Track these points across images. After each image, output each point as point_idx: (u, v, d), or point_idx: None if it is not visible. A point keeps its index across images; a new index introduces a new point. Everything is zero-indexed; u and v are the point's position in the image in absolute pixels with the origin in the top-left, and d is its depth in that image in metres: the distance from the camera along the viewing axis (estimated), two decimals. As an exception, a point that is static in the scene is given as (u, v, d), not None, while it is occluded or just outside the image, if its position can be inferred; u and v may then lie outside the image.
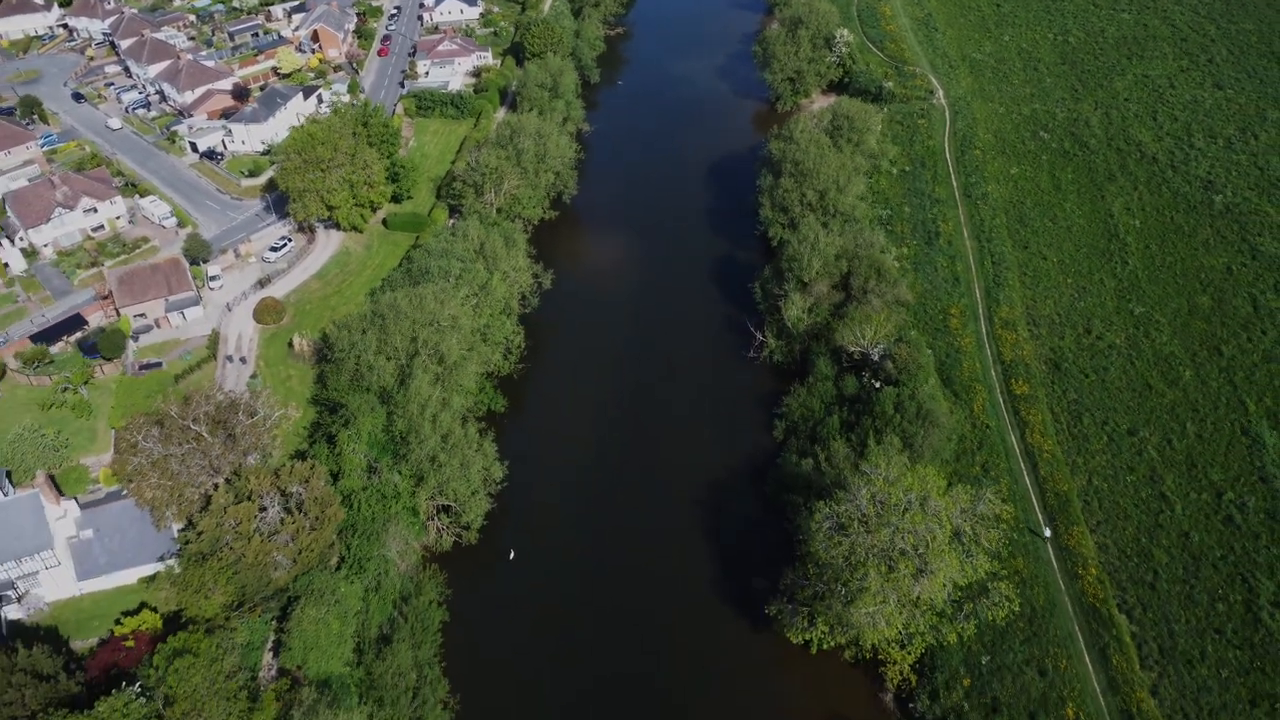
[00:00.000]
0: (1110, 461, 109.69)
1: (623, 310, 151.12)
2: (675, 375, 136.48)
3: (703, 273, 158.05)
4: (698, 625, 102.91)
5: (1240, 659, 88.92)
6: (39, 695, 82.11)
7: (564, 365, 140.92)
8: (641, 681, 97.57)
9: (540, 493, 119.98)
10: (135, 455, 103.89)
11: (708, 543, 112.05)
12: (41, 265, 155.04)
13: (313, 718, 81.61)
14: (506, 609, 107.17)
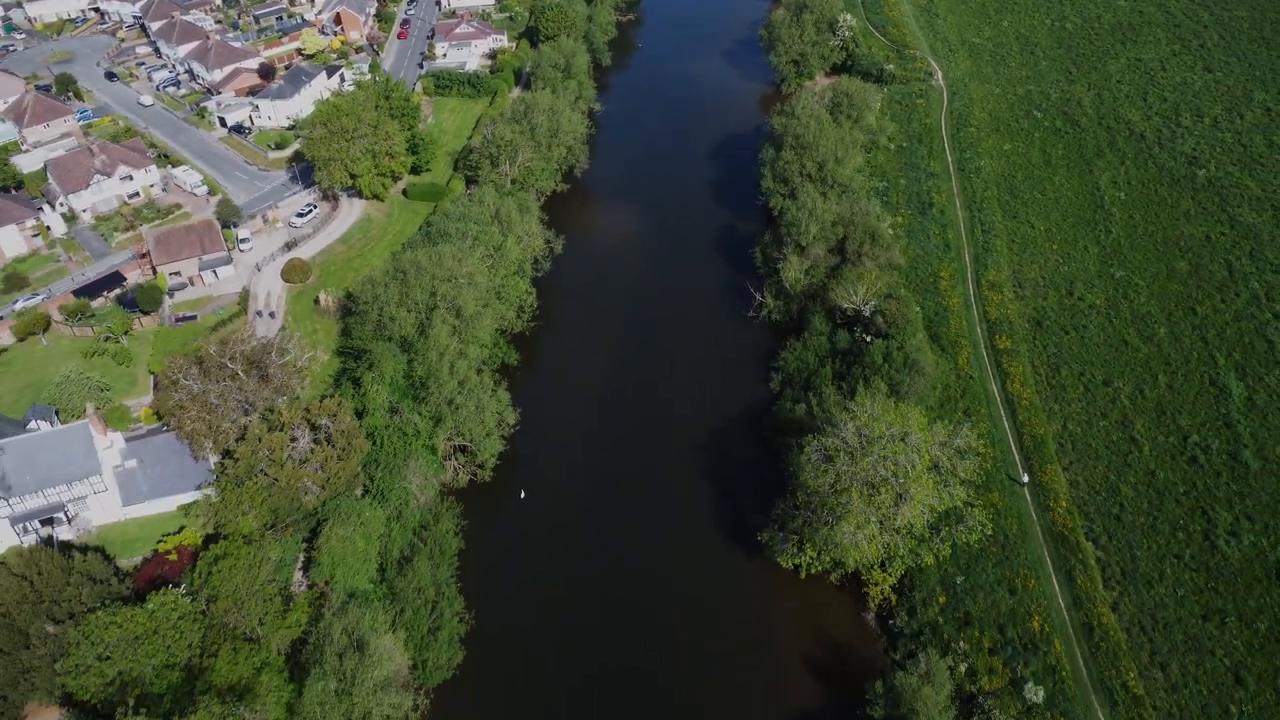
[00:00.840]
0: (1085, 409, 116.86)
1: (630, 275, 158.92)
2: (679, 334, 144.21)
3: (706, 240, 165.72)
4: (695, 554, 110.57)
5: (1195, 580, 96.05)
6: (94, 594, 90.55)
7: (573, 324, 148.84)
8: (642, 605, 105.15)
9: (550, 438, 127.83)
10: (176, 392, 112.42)
11: (706, 482, 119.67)
12: (80, 229, 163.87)
13: (342, 617, 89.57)
14: (517, 540, 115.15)
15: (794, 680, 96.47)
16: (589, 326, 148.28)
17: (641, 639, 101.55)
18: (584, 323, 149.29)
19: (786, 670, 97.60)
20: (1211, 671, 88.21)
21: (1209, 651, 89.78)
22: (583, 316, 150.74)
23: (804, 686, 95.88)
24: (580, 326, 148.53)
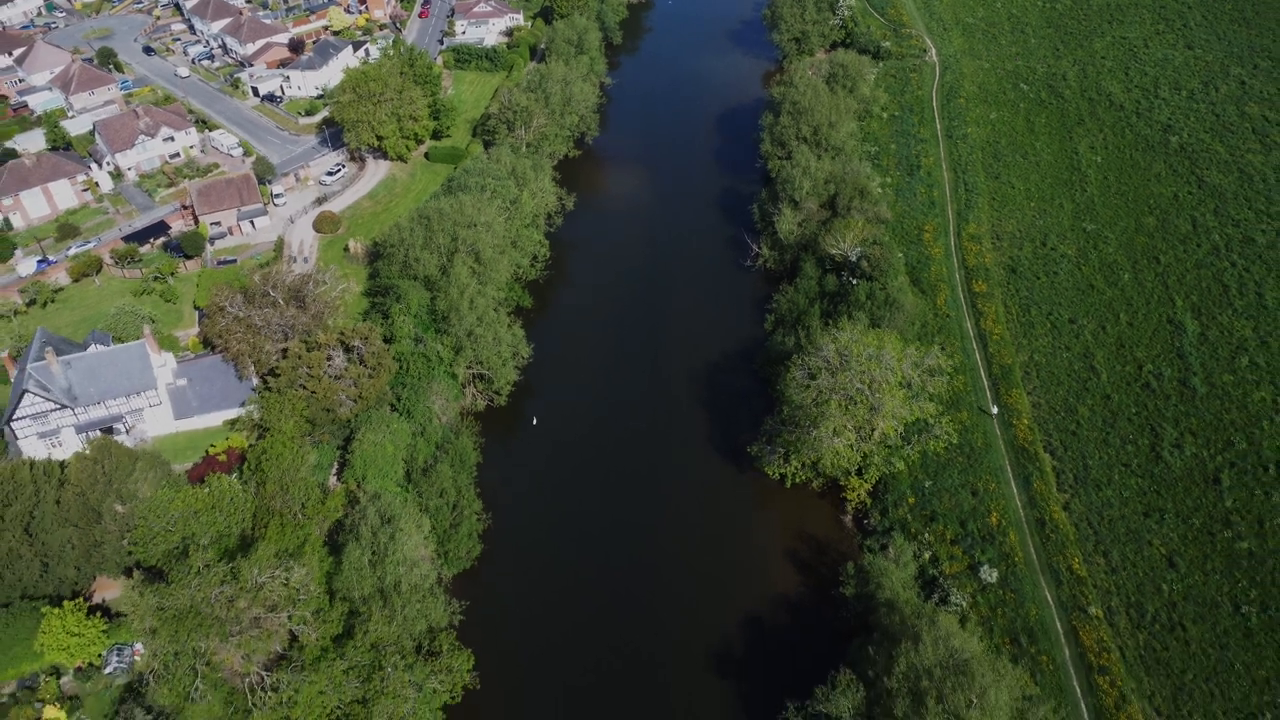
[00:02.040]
0: (1050, 342, 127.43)
1: (636, 230, 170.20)
2: (680, 282, 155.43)
3: (708, 200, 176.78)
4: (691, 469, 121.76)
5: (1140, 484, 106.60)
6: (155, 481, 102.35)
7: (583, 273, 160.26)
8: (642, 511, 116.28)
9: (560, 372, 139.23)
10: (222, 318, 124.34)
11: (703, 408, 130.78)
12: (126, 186, 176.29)
13: (375, 502, 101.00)
14: (530, 458, 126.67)
15: (778, 571, 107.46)
16: (597, 276, 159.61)
17: (641, 539, 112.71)
18: (593, 272, 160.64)
19: (771, 563, 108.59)
20: (1148, 558, 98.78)
21: (1147, 542, 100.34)
22: (592, 267, 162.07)
23: (787, 575, 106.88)
24: (589, 276, 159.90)
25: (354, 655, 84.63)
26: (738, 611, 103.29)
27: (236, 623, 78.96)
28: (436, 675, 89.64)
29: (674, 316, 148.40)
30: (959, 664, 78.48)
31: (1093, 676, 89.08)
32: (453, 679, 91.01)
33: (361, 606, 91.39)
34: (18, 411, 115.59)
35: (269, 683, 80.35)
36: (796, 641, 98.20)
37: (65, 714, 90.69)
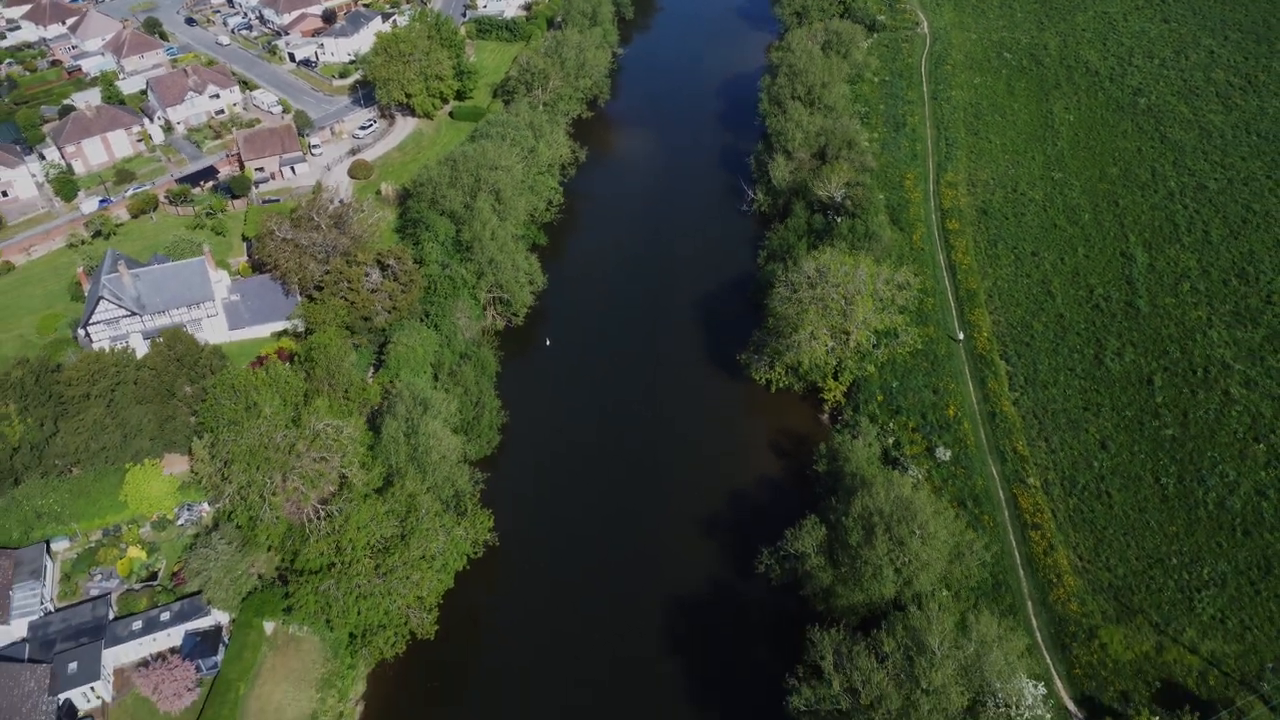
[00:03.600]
0: (1013, 271, 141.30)
1: (643, 182, 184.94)
2: (682, 224, 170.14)
3: (710, 156, 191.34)
4: (687, 378, 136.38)
5: (1082, 385, 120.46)
6: (218, 367, 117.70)
7: (593, 218, 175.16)
8: (644, 414, 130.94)
9: (571, 301, 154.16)
10: (272, 240, 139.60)
11: (700, 330, 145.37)
12: (176, 137, 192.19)
13: (411, 387, 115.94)
14: (543, 372, 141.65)
15: (761, 457, 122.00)
16: (606, 220, 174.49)
17: (642, 436, 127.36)
18: (602, 218, 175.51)
19: (756, 451, 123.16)
20: (1084, 442, 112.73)
21: (1084, 429, 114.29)
22: (601, 213, 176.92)
23: (768, 461, 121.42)
24: (599, 220, 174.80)
25: (393, 500, 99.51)
26: (725, 488, 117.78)
27: (297, 460, 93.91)
28: (461, 526, 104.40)
29: (676, 254, 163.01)
30: (905, 504, 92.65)
31: (1027, 531, 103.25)
32: (475, 531, 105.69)
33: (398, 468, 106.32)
34: (94, 316, 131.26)
35: (323, 513, 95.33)
36: (774, 510, 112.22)
37: (145, 554, 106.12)
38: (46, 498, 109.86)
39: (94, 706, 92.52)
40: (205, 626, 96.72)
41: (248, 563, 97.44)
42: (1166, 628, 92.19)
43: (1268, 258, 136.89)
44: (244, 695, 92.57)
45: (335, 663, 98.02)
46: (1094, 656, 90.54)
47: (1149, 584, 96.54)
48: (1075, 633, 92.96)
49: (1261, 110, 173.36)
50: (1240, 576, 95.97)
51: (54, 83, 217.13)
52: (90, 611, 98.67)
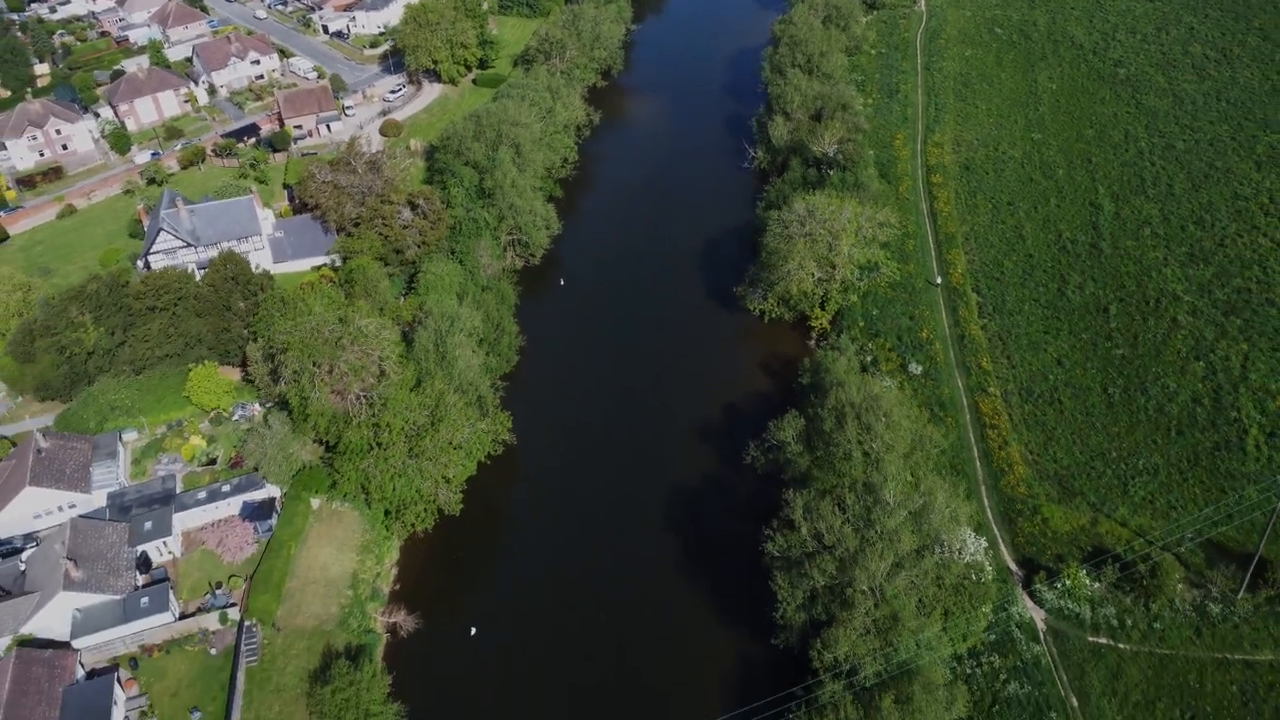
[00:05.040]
0: (989, 218, 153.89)
1: (652, 144, 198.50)
2: (687, 177, 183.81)
3: (715, 122, 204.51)
4: (689, 310, 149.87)
5: (1044, 313, 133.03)
6: (267, 284, 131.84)
7: (605, 176, 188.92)
8: (648, 344, 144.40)
9: (583, 245, 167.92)
10: (313, 182, 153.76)
11: (701, 270, 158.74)
12: (219, 99, 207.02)
13: (440, 304, 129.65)
14: (557, 306, 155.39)
15: (752, 376, 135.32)
16: (617, 177, 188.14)
17: (646, 360, 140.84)
18: (613, 175, 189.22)
19: (748, 372, 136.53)
20: (1042, 360, 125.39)
21: (1043, 349, 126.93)
22: (612, 170, 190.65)
23: (759, 379, 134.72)
24: (610, 177, 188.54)
25: (424, 395, 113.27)
26: (719, 401, 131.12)
27: (342, 352, 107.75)
28: (484, 422, 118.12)
29: (681, 206, 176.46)
30: (874, 398, 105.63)
31: (985, 430, 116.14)
32: (495, 428, 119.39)
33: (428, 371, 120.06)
34: (154, 247, 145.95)
35: (365, 400, 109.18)
36: (763, 417, 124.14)
37: (205, 443, 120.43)
38: (118, 394, 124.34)
39: (166, 560, 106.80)
40: (260, 498, 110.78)
41: (298, 444, 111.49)
42: (1102, 506, 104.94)
43: (1224, 207, 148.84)
44: (294, 554, 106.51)
45: (373, 533, 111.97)
46: (1036, 529, 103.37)
47: (1090, 473, 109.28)
48: (1021, 510, 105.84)
49: (1233, 80, 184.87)
50: (1171, 468, 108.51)
51: (103, 51, 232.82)
52: (160, 485, 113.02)
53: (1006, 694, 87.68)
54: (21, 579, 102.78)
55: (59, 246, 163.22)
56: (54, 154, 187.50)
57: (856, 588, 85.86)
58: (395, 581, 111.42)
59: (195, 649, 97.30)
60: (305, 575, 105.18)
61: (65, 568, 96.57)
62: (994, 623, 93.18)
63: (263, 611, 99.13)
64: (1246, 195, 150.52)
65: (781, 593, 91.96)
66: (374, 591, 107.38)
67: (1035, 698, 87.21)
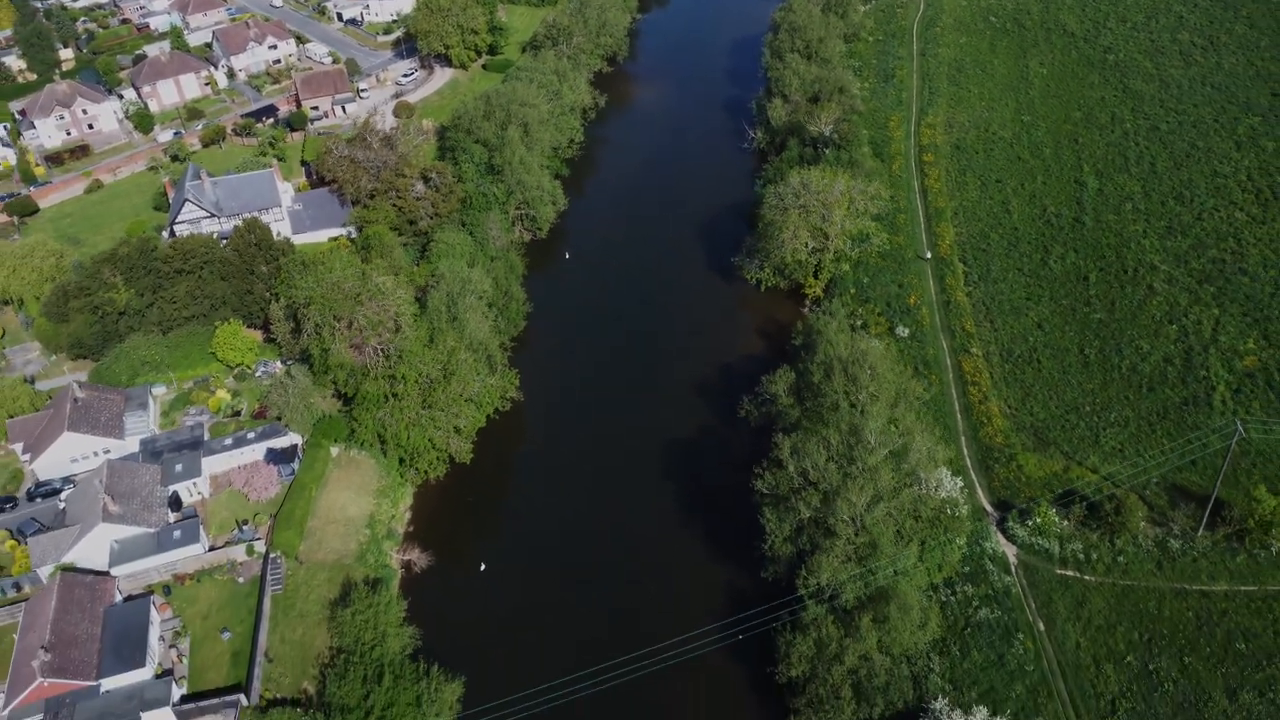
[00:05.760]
0: (978, 194, 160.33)
1: (655, 127, 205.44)
2: (690, 158, 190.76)
3: (717, 105, 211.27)
4: (689, 280, 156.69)
5: (1027, 281, 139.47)
6: (288, 249, 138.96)
7: (609, 156, 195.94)
8: (651, 312, 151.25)
9: (588, 221, 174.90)
10: (330, 156, 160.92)
11: (701, 242, 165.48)
12: (239, 83, 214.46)
13: (452, 268, 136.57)
14: (562, 277, 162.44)
15: (749, 340, 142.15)
16: (621, 157, 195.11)
17: (647, 326, 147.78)
18: (618, 155, 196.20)
19: (744, 336, 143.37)
20: (1022, 323, 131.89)
21: (1024, 314, 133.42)
22: (617, 151, 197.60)
23: (755, 342, 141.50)
24: (615, 156, 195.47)
25: (437, 350, 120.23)
26: (716, 363, 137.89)
27: (361, 307, 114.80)
28: (493, 378, 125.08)
29: (683, 184, 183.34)
30: (861, 352, 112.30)
31: (966, 387, 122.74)
32: (504, 384, 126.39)
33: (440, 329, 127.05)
34: (179, 217, 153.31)
35: (381, 352, 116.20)
36: (758, 377, 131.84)
37: (230, 396, 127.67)
38: (148, 351, 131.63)
39: (195, 500, 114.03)
40: (283, 445, 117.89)
41: (318, 395, 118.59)
42: (1074, 454, 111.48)
43: (1203, 184, 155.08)
44: (315, 496, 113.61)
45: (388, 479, 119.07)
46: (1011, 474, 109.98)
47: (1064, 425, 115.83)
48: (998, 458, 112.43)
49: (1219, 66, 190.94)
50: (1141, 420, 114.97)
51: (125, 37, 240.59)
52: (189, 433, 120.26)
53: (978, 619, 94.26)
54: (61, 516, 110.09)
55: (87, 218, 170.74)
56: (80, 133, 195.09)
57: (838, 518, 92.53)
58: (409, 524, 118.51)
59: (224, 578, 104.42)
60: (325, 515, 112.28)
61: (104, 501, 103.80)
62: (968, 556, 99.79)
63: (286, 546, 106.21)
64: (1225, 173, 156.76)
65: (770, 526, 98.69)
66: (389, 531, 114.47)
67: (1004, 622, 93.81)
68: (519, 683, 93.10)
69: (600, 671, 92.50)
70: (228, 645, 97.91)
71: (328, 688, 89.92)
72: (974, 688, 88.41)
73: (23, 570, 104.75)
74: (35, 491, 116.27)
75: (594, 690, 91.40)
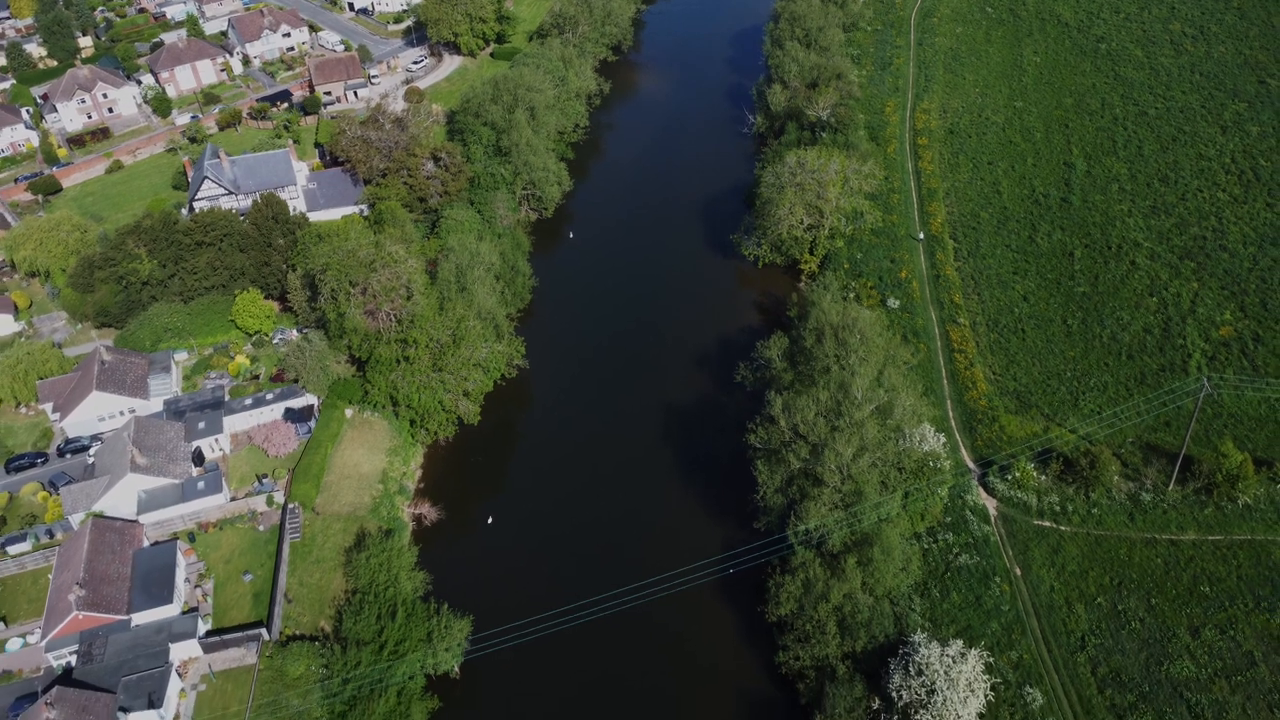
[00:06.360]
0: (970, 175, 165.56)
1: (658, 112, 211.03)
2: (691, 141, 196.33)
3: (718, 93, 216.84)
4: (689, 255, 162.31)
5: (1015, 257, 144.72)
6: (304, 224, 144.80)
7: (614, 140, 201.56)
8: (652, 288, 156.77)
9: (592, 201, 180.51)
10: (344, 137, 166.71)
11: (702, 222, 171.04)
12: (253, 69, 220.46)
13: (462, 241, 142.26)
14: (567, 255, 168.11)
15: (747, 313, 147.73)
16: (625, 142, 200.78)
17: (649, 301, 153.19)
18: (622, 139, 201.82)
19: (742, 309, 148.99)
20: (1009, 296, 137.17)
21: (1010, 287, 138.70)
22: (621, 136, 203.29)
23: (752, 315, 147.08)
24: (619, 141, 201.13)
25: (446, 317, 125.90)
26: (714, 335, 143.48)
27: (374, 274, 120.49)
28: (500, 344, 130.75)
29: (684, 167, 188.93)
30: (851, 319, 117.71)
31: (953, 354, 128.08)
32: (510, 350, 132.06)
33: (450, 298, 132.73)
34: (198, 194, 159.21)
35: (394, 317, 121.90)
36: (753, 348, 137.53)
37: (249, 361, 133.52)
38: (170, 319, 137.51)
39: (217, 455, 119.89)
40: (300, 405, 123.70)
41: (334, 358, 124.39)
42: (1054, 416, 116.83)
43: (1189, 166, 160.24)
44: (330, 454, 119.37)
45: (400, 439, 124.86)
46: (994, 434, 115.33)
47: (1045, 389, 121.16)
48: (981, 419, 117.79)
49: (1208, 55, 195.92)
50: (1119, 385, 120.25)
51: (142, 26, 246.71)
52: (210, 393, 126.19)
53: (958, 564, 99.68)
54: (90, 470, 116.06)
55: (109, 197, 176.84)
56: (101, 116, 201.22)
57: (826, 468, 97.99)
58: (420, 480, 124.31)
59: (245, 527, 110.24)
60: (340, 471, 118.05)
61: (132, 454, 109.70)
62: (950, 507, 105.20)
63: (304, 497, 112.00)
64: (1210, 156, 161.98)
65: (762, 477, 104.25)
66: (401, 487, 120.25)
67: (983, 567, 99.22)
68: (523, 616, 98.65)
69: (598, 601, 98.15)
70: (249, 587, 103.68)
71: (344, 623, 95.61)
72: (952, 625, 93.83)
73: (55, 518, 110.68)
74: (64, 448, 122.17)
75: (594, 617, 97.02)
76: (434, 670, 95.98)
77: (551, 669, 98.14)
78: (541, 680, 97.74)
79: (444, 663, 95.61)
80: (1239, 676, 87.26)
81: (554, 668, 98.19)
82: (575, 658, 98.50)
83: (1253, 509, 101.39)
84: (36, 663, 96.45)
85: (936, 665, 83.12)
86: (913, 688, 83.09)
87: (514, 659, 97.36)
